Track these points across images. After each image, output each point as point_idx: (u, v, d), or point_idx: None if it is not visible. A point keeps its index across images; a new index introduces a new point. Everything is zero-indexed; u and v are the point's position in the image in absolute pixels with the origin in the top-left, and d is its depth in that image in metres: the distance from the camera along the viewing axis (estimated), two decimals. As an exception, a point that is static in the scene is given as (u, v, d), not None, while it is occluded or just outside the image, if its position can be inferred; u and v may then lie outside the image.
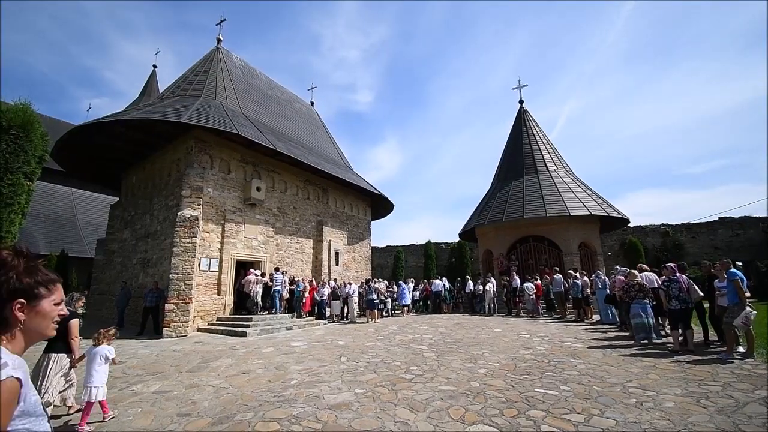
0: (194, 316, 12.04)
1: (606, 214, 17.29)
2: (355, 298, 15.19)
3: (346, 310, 15.08)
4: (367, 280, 16.10)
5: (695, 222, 25.16)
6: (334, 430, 4.10)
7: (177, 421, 4.48)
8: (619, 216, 17.96)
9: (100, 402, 4.58)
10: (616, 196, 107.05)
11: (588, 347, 8.06)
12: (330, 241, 18.59)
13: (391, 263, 30.90)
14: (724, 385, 5.09)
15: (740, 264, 8.45)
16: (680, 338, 7.78)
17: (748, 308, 6.43)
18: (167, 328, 11.23)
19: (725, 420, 3.94)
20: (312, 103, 27.33)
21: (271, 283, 13.41)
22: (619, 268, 11.23)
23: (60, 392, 4.72)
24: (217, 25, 19.49)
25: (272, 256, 15.36)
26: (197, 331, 11.99)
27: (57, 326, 1.29)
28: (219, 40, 19.01)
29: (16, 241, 10.00)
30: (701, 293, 7.79)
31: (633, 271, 9.29)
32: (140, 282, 13.87)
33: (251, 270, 13.25)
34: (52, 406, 4.56)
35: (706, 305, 8.36)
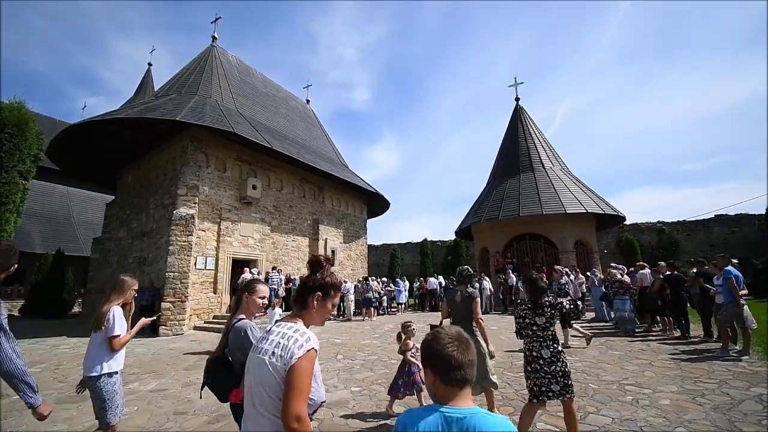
0: (190, 315, 12.00)
1: (602, 212, 17.30)
2: (352, 296, 15.18)
3: (342, 308, 15.08)
4: (365, 278, 16.09)
5: (691, 219, 25.28)
6: (330, 429, 4.10)
7: (173, 420, 4.46)
8: (615, 213, 17.98)
9: None
10: (612, 194, 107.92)
11: (584, 345, 8.08)
12: (326, 239, 18.57)
13: (388, 261, 30.87)
14: (720, 383, 5.11)
15: (736, 261, 8.49)
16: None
17: (747, 309, 6.47)
18: (164, 327, 11.19)
19: (721, 417, 3.96)
20: (308, 101, 27.24)
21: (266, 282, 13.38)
22: (615, 265, 11.28)
23: None
24: (212, 23, 19.30)
25: (268, 255, 15.33)
26: (193, 329, 11.96)
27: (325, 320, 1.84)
28: (214, 38, 18.88)
29: (11, 240, 9.93)
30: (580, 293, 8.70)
31: (613, 270, 9.83)
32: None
33: (245, 269, 13.21)
34: None
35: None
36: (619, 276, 9.48)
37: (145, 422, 4.44)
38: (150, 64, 35.49)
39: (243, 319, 2.47)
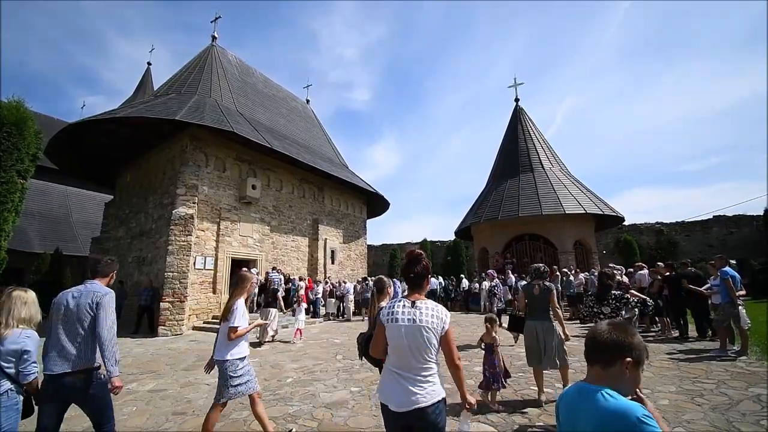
0: (189, 315, 11.98)
1: (601, 213, 17.35)
2: (351, 297, 15.18)
3: (341, 308, 15.09)
4: (364, 279, 16.10)
5: (690, 220, 25.31)
6: (330, 429, 4.09)
7: (172, 420, 4.45)
8: (614, 214, 18.02)
9: (300, 329, 9.95)
10: (612, 194, 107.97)
11: (583, 345, 8.10)
12: (326, 239, 18.56)
13: (387, 261, 30.87)
14: (718, 383, 5.12)
15: (734, 262, 8.50)
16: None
17: (742, 310, 6.48)
18: (162, 327, 11.19)
19: (719, 417, 3.97)
20: (308, 101, 27.23)
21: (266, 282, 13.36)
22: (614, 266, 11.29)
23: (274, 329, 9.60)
24: (212, 22, 19.27)
25: (268, 255, 15.32)
26: (192, 329, 11.94)
27: None
28: (214, 38, 18.86)
29: (9, 240, 9.91)
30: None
31: (613, 270, 9.69)
32: (135, 280, 13.79)
33: (244, 269, 13.15)
34: (271, 336, 9.55)
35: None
36: (618, 276, 9.46)
37: (144, 422, 4.43)
38: (149, 64, 35.43)
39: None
